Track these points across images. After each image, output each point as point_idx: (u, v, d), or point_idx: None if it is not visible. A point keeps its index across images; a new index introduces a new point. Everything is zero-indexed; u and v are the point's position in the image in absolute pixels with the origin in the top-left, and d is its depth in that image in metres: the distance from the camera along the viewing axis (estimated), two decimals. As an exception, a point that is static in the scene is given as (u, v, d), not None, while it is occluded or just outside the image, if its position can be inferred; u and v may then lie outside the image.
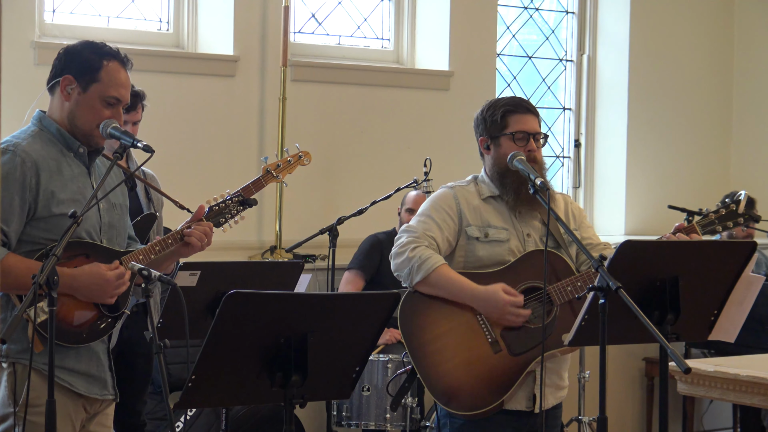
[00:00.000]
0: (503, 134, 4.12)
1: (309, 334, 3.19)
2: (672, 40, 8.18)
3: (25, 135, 3.57)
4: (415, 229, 4.08)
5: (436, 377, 4.03)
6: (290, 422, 3.28)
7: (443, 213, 4.12)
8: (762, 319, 6.54)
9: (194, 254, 3.80)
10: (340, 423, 6.00)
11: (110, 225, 3.64)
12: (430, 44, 7.27)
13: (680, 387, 4.86)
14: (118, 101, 3.58)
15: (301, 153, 5.44)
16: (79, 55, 3.59)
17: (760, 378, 4.55)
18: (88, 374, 3.58)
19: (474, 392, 4.02)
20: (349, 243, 6.45)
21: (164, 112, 6.10)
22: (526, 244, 4.12)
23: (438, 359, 4.04)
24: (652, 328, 3.37)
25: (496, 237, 4.10)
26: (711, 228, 4.14)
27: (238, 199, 4.08)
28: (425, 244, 4.03)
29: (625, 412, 7.78)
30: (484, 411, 4.01)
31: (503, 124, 4.13)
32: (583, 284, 4.00)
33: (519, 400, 4.06)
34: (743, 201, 4.14)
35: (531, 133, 4.13)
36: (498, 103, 4.20)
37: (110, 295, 3.51)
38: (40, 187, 3.48)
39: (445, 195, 4.18)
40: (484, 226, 4.11)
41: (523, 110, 4.18)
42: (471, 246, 4.11)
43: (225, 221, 4.02)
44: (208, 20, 6.56)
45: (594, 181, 8.17)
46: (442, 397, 4.04)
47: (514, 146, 4.09)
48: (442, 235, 4.08)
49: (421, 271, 4.00)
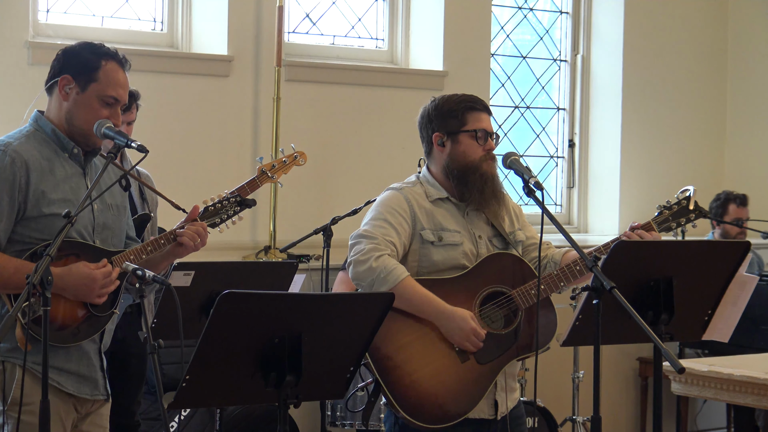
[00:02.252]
0: (462, 131, 4.01)
1: (303, 334, 3.19)
2: (666, 40, 8.19)
3: (18, 135, 3.58)
4: (375, 235, 3.91)
5: (403, 389, 3.88)
6: (284, 422, 3.28)
7: (398, 216, 3.98)
8: (756, 319, 6.55)
9: (189, 254, 3.80)
10: (334, 423, 6.00)
11: (104, 226, 3.64)
12: (424, 44, 7.27)
13: (674, 387, 4.87)
14: (116, 101, 3.59)
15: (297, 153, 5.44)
16: (78, 56, 3.60)
17: (754, 378, 4.56)
18: (78, 374, 3.58)
19: (442, 403, 3.90)
20: (343, 243, 6.40)
21: (158, 112, 6.09)
22: (479, 246, 4.03)
23: (404, 371, 3.89)
24: (646, 328, 3.36)
25: (450, 240, 3.99)
26: (666, 225, 4.12)
27: (236, 199, 4.05)
28: (387, 252, 3.88)
29: (619, 411, 7.79)
30: (452, 424, 3.90)
31: (462, 120, 4.02)
32: (547, 287, 3.97)
33: (481, 408, 3.96)
34: (693, 197, 4.13)
35: (489, 132, 4.04)
36: (454, 98, 4.07)
37: (97, 294, 3.50)
38: (30, 187, 3.48)
39: (396, 197, 4.03)
40: (437, 230, 3.99)
41: (481, 108, 4.06)
42: (425, 250, 3.98)
43: (221, 221, 4.01)
44: (202, 20, 6.55)
45: (588, 181, 8.17)
46: (408, 409, 3.87)
47: (474, 144, 4.00)
48: (399, 240, 3.94)
49: (386, 283, 3.83)
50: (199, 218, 3.84)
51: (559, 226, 3.81)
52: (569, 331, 3.68)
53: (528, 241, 4.14)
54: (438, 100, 4.10)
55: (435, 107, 4.08)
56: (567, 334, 3.69)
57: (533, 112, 8.03)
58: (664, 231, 4.14)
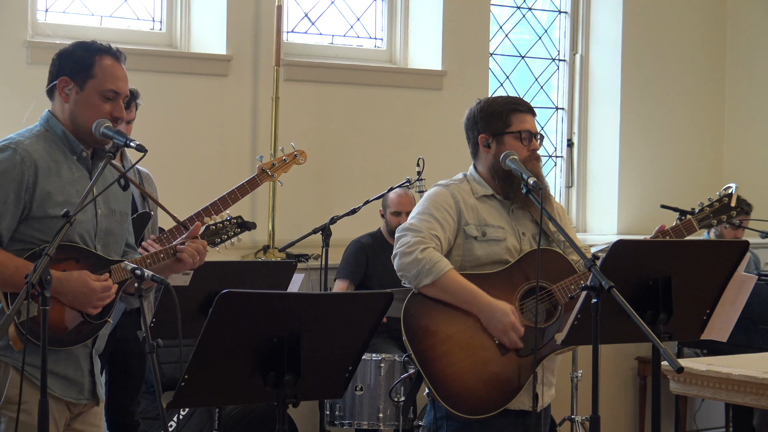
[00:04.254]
0: (507, 132, 4.08)
1: (302, 333, 3.19)
2: (665, 39, 8.19)
3: (29, 134, 3.58)
4: (420, 229, 4.01)
5: (445, 381, 3.97)
6: (283, 422, 3.29)
7: (444, 212, 4.07)
8: (754, 318, 6.55)
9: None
10: (333, 422, 6.00)
11: (107, 231, 3.63)
12: (422, 44, 7.27)
13: (673, 386, 4.86)
14: (117, 94, 3.58)
15: (297, 152, 5.44)
16: (72, 55, 3.60)
17: (753, 377, 4.56)
18: (65, 377, 3.56)
19: (483, 395, 3.98)
20: (342, 242, 6.46)
21: (157, 111, 6.09)
22: (522, 243, 4.10)
23: (446, 362, 3.98)
24: (644, 327, 3.37)
25: (493, 236, 4.07)
26: (707, 222, 4.19)
27: (237, 221, 4.21)
28: (432, 246, 3.98)
29: (617, 411, 7.79)
30: (493, 414, 3.97)
31: (507, 122, 4.09)
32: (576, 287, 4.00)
33: (522, 400, 4.03)
34: (734, 194, 4.18)
35: (534, 133, 4.11)
36: (499, 100, 4.16)
37: (93, 306, 3.48)
38: (36, 187, 3.48)
39: (443, 193, 4.12)
40: (481, 225, 4.08)
41: (526, 109, 4.14)
42: (468, 245, 4.07)
43: (221, 241, 4.12)
44: (200, 20, 6.55)
45: (587, 181, 8.18)
46: (450, 400, 3.96)
47: (519, 145, 4.07)
48: (444, 234, 4.04)
49: (431, 275, 3.94)
50: (199, 236, 3.85)
51: (558, 225, 3.82)
52: (568, 330, 3.68)
53: None
54: (483, 102, 4.17)
55: (480, 109, 4.14)
56: (566, 333, 3.70)
57: (534, 112, 8.03)
58: (704, 228, 4.19)
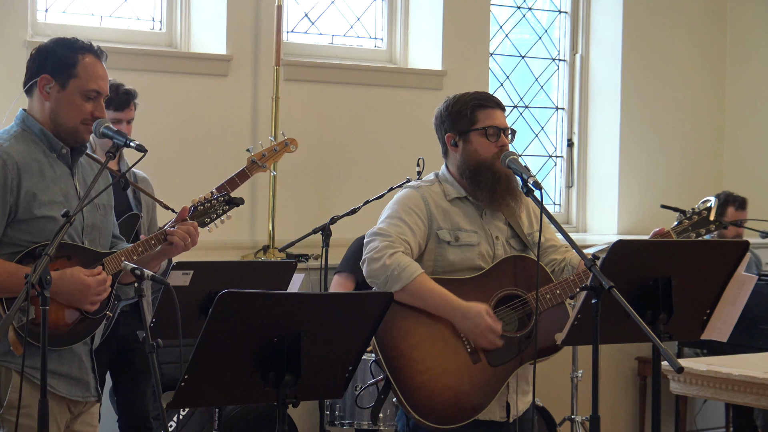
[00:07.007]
0: (473, 129, 3.98)
1: (302, 333, 3.19)
2: (665, 39, 8.19)
3: (7, 136, 3.54)
4: (389, 233, 3.89)
5: (414, 389, 3.87)
6: (283, 422, 3.29)
7: (414, 215, 3.95)
8: (754, 318, 6.55)
9: (183, 253, 3.77)
10: (333, 422, 6.00)
11: (93, 226, 3.61)
12: (423, 44, 7.27)
13: (673, 386, 4.86)
14: (99, 94, 3.55)
15: (288, 140, 5.38)
16: (53, 53, 3.55)
17: (753, 377, 4.56)
18: (70, 376, 3.56)
19: (452, 404, 3.88)
20: (342, 242, 6.45)
21: (157, 111, 6.09)
22: (496, 248, 4.02)
23: (415, 370, 3.87)
24: (645, 327, 3.36)
25: (466, 241, 3.97)
26: (685, 234, 4.16)
27: (224, 198, 4.06)
28: (401, 250, 3.86)
29: (617, 411, 7.78)
30: (462, 424, 3.88)
31: (472, 119, 3.98)
32: (561, 292, 3.96)
33: (493, 410, 3.94)
34: (713, 208, 4.16)
35: (501, 128, 4.00)
36: (464, 97, 4.04)
37: (90, 302, 3.47)
38: (21, 189, 3.44)
39: (413, 196, 4.00)
40: (454, 230, 3.97)
41: (492, 105, 4.02)
42: (441, 250, 3.97)
43: (211, 221, 4.01)
44: (200, 20, 6.55)
45: (587, 181, 8.17)
46: (419, 409, 3.86)
47: (485, 142, 3.96)
48: (414, 239, 3.92)
49: (400, 280, 3.82)
50: (188, 218, 3.82)
51: (558, 225, 3.81)
52: (568, 330, 3.68)
53: (547, 243, 4.12)
54: (450, 100, 4.07)
55: (446, 108, 4.05)
56: (566, 333, 3.69)
57: (532, 112, 8.03)
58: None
